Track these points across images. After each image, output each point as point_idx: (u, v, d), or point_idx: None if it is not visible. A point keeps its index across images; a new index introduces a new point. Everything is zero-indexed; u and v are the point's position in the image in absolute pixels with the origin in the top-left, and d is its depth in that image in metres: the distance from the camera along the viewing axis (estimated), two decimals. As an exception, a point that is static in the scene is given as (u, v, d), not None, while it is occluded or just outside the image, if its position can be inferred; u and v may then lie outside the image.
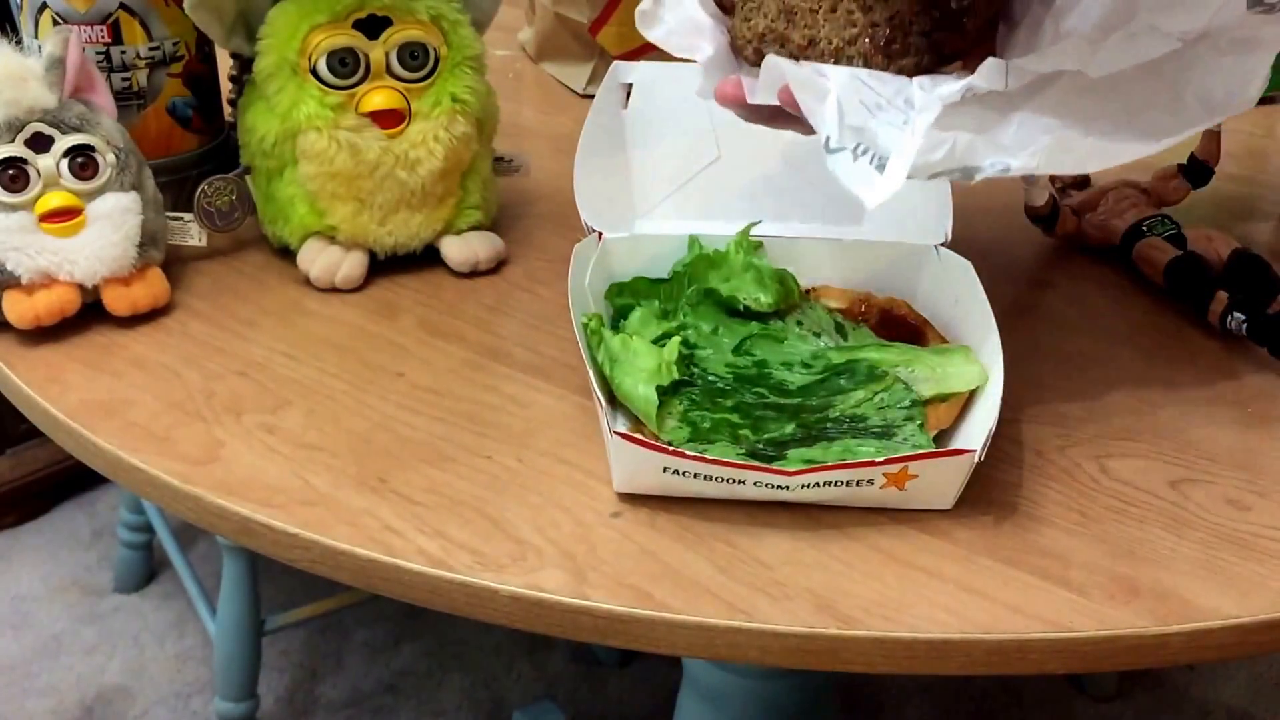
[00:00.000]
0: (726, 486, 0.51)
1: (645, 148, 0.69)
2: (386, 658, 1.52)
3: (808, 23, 0.52)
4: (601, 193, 0.66)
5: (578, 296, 0.60)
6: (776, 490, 0.51)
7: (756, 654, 0.47)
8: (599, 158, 0.67)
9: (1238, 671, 1.52)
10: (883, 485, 0.51)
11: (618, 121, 0.69)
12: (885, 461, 0.50)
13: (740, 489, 0.51)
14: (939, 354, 0.58)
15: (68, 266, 0.63)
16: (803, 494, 0.51)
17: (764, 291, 0.62)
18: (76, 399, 0.59)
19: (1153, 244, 0.70)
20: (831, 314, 0.63)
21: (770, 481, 0.50)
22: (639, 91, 0.70)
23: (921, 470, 0.50)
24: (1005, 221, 0.78)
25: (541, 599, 0.48)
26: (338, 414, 0.58)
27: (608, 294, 0.63)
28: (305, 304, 0.68)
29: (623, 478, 0.53)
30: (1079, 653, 0.47)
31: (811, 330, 0.61)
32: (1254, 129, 0.98)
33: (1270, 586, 0.49)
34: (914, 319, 0.63)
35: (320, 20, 0.66)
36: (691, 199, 0.69)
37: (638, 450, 0.50)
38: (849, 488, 0.51)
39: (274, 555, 0.52)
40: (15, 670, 1.50)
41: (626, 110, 0.70)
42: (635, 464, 0.51)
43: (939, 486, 0.51)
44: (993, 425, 0.52)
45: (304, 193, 0.69)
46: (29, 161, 0.63)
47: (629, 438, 0.50)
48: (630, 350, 0.57)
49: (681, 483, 0.51)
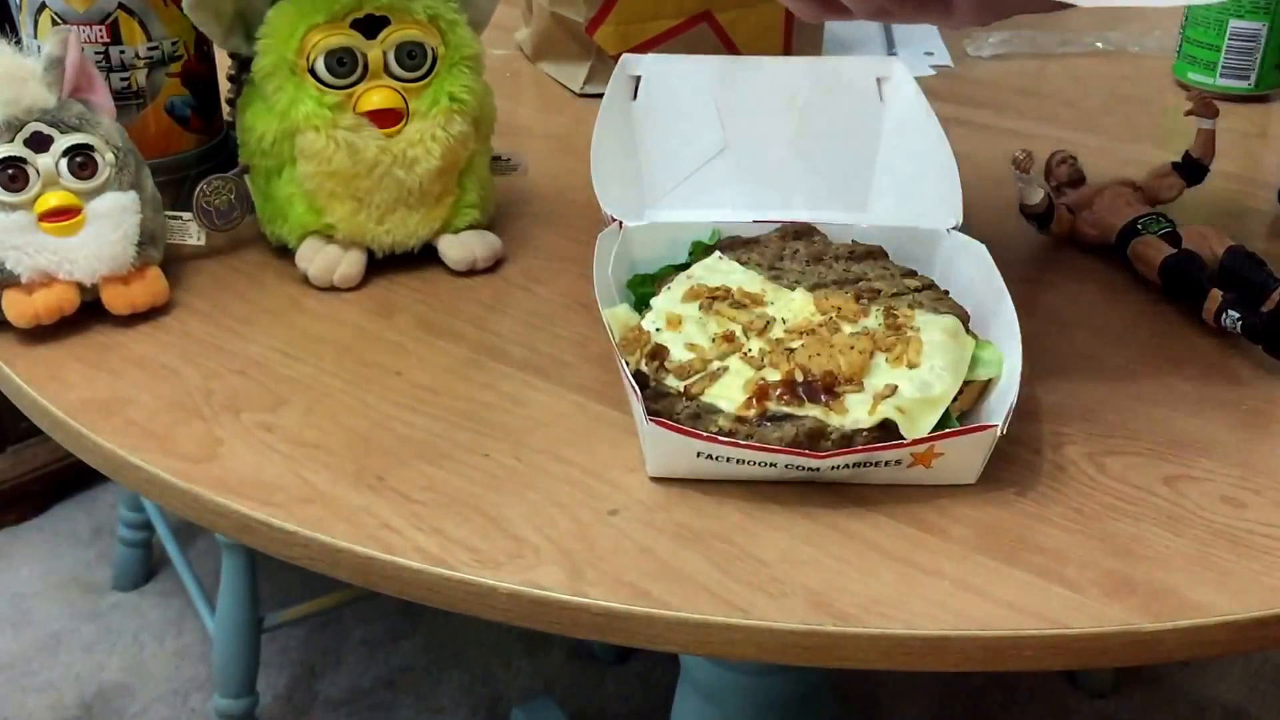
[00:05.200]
0: (758, 469, 0.52)
1: (654, 138, 0.70)
2: (385, 655, 1.53)
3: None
4: (616, 183, 0.66)
5: (603, 288, 0.60)
6: (808, 472, 0.52)
7: (753, 651, 0.47)
8: (612, 149, 0.68)
9: (1233, 668, 1.52)
10: (910, 464, 0.52)
11: (627, 113, 0.70)
12: (914, 442, 0.51)
13: (771, 471, 0.52)
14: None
15: (67, 265, 0.63)
16: (832, 474, 0.52)
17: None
18: (76, 397, 0.59)
19: (1148, 242, 0.71)
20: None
21: (801, 464, 0.51)
22: (647, 83, 0.70)
23: (948, 448, 0.52)
24: (1000, 219, 0.78)
25: (539, 596, 0.48)
26: (336, 412, 0.59)
27: (630, 283, 0.64)
28: (303, 303, 0.68)
29: (657, 463, 0.54)
30: (1075, 649, 0.47)
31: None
32: (1249, 127, 0.98)
33: (1265, 583, 0.49)
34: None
35: (318, 20, 0.66)
36: (700, 188, 0.70)
37: (672, 436, 0.51)
38: (877, 468, 0.52)
39: (272, 553, 0.52)
40: (15, 667, 1.50)
41: (635, 102, 0.70)
42: (670, 450, 0.52)
43: (964, 461, 0.53)
44: (1014, 400, 0.53)
45: (302, 192, 0.69)
46: (28, 161, 0.63)
47: (664, 424, 0.51)
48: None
49: (714, 466, 0.52)
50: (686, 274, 0.62)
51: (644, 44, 0.97)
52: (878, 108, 0.71)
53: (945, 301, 0.60)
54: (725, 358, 0.56)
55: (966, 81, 1.07)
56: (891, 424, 0.52)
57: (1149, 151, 0.92)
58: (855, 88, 0.72)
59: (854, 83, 0.72)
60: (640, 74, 0.71)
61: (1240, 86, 1.02)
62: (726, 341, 0.57)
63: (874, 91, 0.72)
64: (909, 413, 0.53)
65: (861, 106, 0.71)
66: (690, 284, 0.61)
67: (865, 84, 0.72)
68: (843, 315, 0.58)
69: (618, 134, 0.69)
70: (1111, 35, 1.18)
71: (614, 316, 0.59)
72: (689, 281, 0.61)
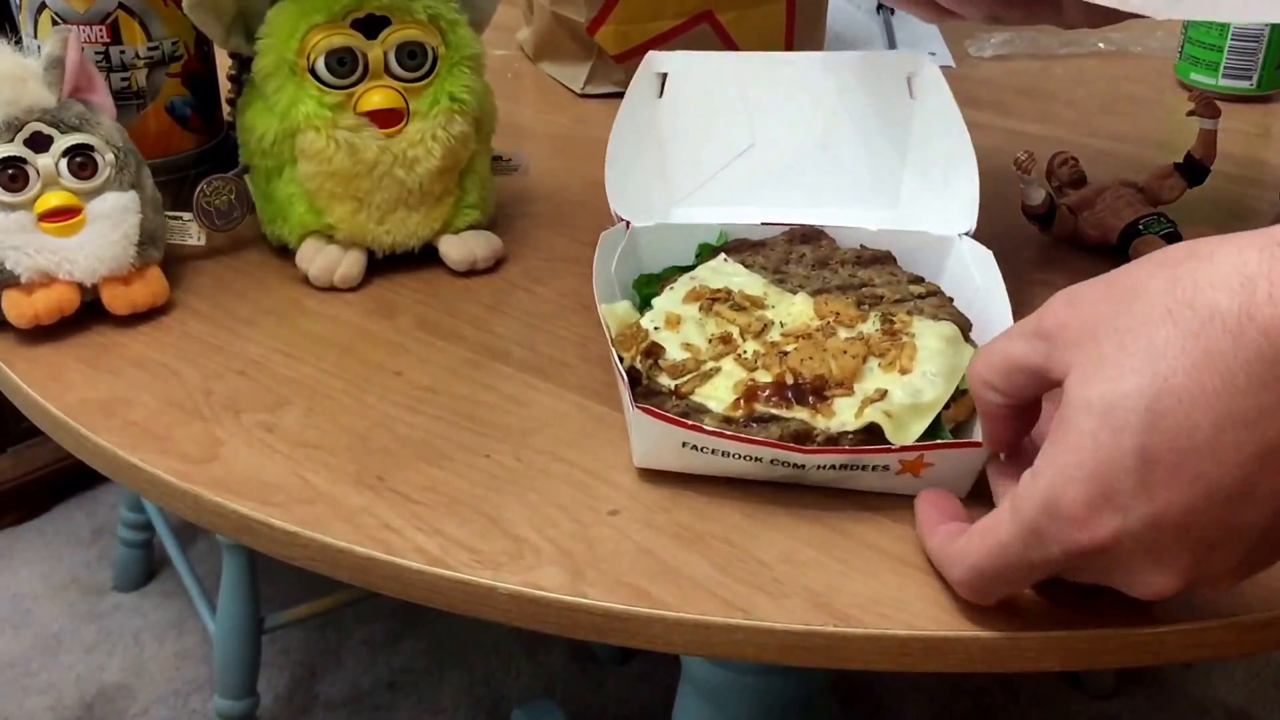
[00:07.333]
0: (744, 464, 0.51)
1: (679, 136, 0.70)
2: (386, 655, 1.53)
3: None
4: (634, 182, 0.66)
5: (603, 282, 0.60)
6: (793, 470, 0.51)
7: (754, 651, 0.47)
8: (632, 147, 0.67)
9: (1236, 670, 1.52)
10: (898, 471, 0.51)
11: (652, 111, 0.70)
12: (902, 449, 0.51)
13: (757, 467, 0.52)
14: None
15: (67, 265, 0.63)
16: (817, 475, 0.52)
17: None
18: (76, 398, 0.59)
19: (1149, 242, 0.71)
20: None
21: (786, 459, 0.51)
22: (674, 81, 0.70)
23: (937, 460, 0.51)
24: (1002, 220, 0.78)
25: (539, 597, 0.48)
26: (336, 413, 0.59)
27: (636, 283, 0.64)
28: (304, 303, 0.68)
29: (642, 452, 0.53)
30: (1076, 650, 0.47)
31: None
32: (1250, 128, 0.98)
33: (1267, 585, 0.49)
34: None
35: (318, 20, 0.66)
36: (726, 186, 0.70)
37: (658, 424, 0.51)
38: (864, 472, 0.51)
39: (273, 553, 0.52)
40: (15, 668, 1.50)
41: (661, 99, 0.70)
42: (655, 438, 0.52)
43: (955, 476, 0.52)
44: None
45: (302, 192, 0.69)
46: (28, 161, 0.63)
47: (650, 411, 0.51)
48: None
49: (699, 459, 0.52)
50: (690, 275, 0.62)
51: (645, 44, 0.97)
52: (908, 106, 0.70)
53: (947, 309, 0.60)
54: (720, 358, 0.56)
55: (968, 81, 1.07)
56: (877, 428, 0.52)
57: (1150, 152, 0.91)
58: (885, 85, 0.71)
59: (884, 80, 0.71)
60: (667, 71, 0.70)
61: (1242, 87, 1.02)
62: (723, 343, 0.57)
63: (904, 89, 0.70)
64: (896, 418, 0.52)
65: (891, 104, 0.70)
66: (692, 285, 0.61)
67: (896, 81, 0.70)
68: (840, 320, 0.58)
69: (640, 133, 0.68)
70: (1113, 35, 1.17)
71: (611, 312, 0.58)
72: (691, 283, 0.61)
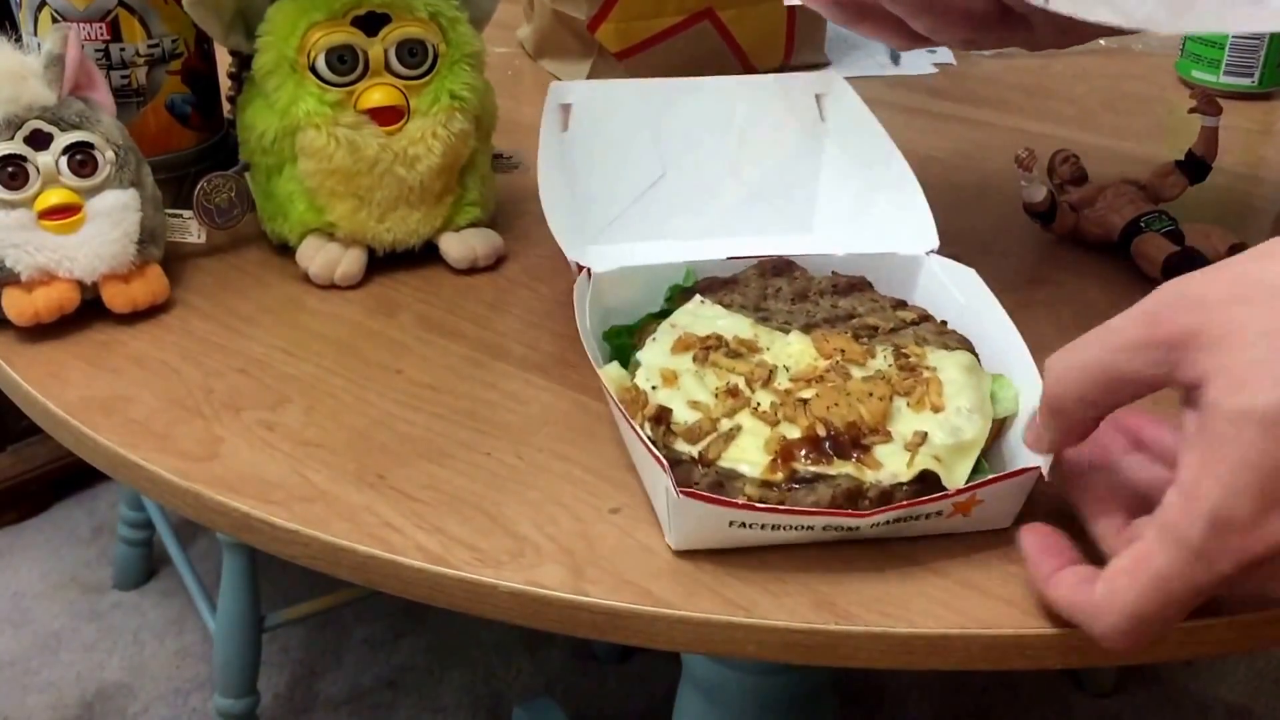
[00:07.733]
0: (794, 534, 0.49)
1: (589, 169, 0.67)
2: (386, 654, 1.53)
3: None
4: (563, 217, 0.63)
5: (593, 346, 0.56)
6: (846, 532, 0.49)
7: (755, 649, 0.47)
8: (555, 183, 0.64)
9: (1237, 667, 1.52)
10: (949, 514, 0.49)
11: (560, 144, 0.67)
12: (957, 492, 0.49)
13: (807, 535, 0.49)
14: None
15: (67, 263, 0.63)
16: (870, 531, 0.49)
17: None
18: (76, 396, 0.59)
19: (1151, 239, 0.71)
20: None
21: (841, 524, 0.48)
22: (578, 112, 0.68)
23: (988, 495, 0.49)
24: (1003, 217, 0.78)
25: (540, 595, 0.48)
26: (337, 411, 0.59)
27: (606, 335, 0.60)
28: (304, 301, 0.68)
29: (681, 536, 0.49)
30: (1077, 648, 0.47)
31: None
32: (1251, 125, 0.98)
33: (1268, 582, 0.49)
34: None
35: (319, 17, 0.66)
36: (640, 218, 0.68)
37: (704, 507, 0.47)
38: (918, 521, 0.49)
39: (273, 551, 0.52)
40: (15, 667, 1.50)
41: (567, 132, 0.68)
42: (698, 519, 0.48)
43: (1003, 510, 0.50)
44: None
45: (303, 189, 0.69)
46: (28, 159, 0.63)
47: (695, 494, 0.47)
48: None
49: (747, 535, 0.48)
50: (669, 322, 0.57)
51: (645, 42, 0.97)
52: (818, 126, 0.70)
53: (950, 335, 0.57)
54: (734, 414, 0.51)
55: (969, 79, 1.07)
56: (931, 475, 0.49)
57: (1152, 149, 0.91)
58: (794, 106, 0.70)
59: (792, 101, 0.70)
60: (571, 102, 0.68)
61: (1243, 84, 1.02)
62: (731, 396, 0.52)
63: (813, 109, 0.70)
64: (945, 461, 0.49)
65: (801, 125, 0.70)
66: (677, 334, 0.56)
67: (804, 102, 0.70)
68: (849, 358, 0.54)
69: (555, 166, 0.65)
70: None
71: (607, 377, 0.53)
72: (674, 331, 0.56)
